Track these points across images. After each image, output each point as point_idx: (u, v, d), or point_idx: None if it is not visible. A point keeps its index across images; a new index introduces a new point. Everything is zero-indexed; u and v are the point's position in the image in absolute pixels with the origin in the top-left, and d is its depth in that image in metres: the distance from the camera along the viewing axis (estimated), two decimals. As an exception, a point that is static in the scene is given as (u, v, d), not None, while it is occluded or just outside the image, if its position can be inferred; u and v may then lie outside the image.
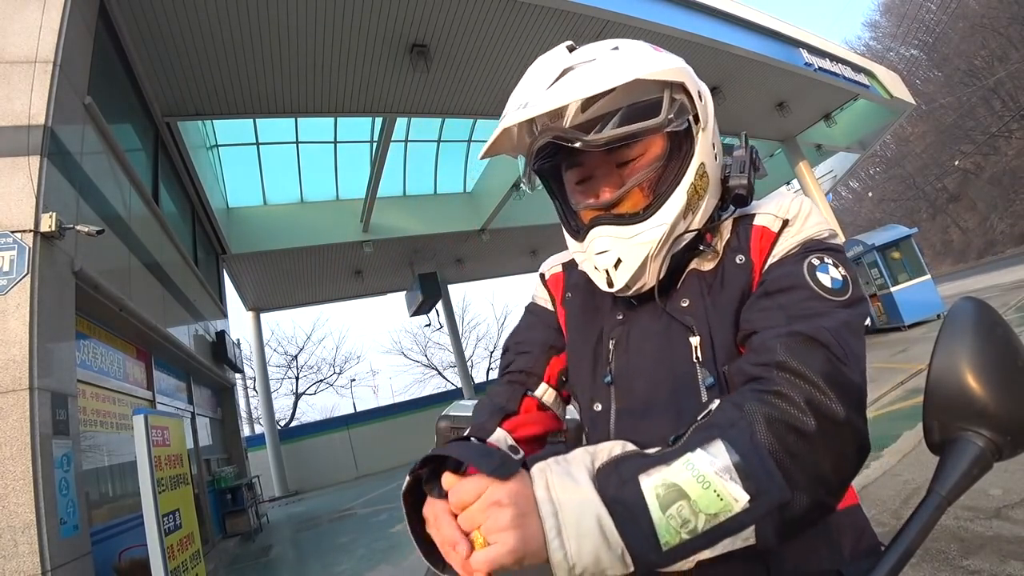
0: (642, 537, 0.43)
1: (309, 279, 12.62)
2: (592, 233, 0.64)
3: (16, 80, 3.17)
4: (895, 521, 2.85)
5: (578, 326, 0.76)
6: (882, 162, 37.08)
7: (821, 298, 0.56)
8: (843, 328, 0.53)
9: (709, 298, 0.65)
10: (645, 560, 0.43)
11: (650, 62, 0.60)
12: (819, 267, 0.58)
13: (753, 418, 0.47)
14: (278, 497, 12.56)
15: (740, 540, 0.44)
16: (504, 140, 0.64)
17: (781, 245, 0.63)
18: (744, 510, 0.43)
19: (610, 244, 0.62)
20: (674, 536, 0.43)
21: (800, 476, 0.45)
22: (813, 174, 13.51)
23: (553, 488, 0.45)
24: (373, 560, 5.04)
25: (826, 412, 0.47)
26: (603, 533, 0.43)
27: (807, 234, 0.62)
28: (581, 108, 0.58)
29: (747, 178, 0.66)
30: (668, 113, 0.59)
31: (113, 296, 3.92)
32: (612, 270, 0.63)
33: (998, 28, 26.28)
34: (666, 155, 0.63)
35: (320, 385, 25.25)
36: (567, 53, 0.63)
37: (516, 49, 6.91)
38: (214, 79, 5.97)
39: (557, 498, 0.44)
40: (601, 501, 0.44)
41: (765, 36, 8.96)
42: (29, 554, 2.43)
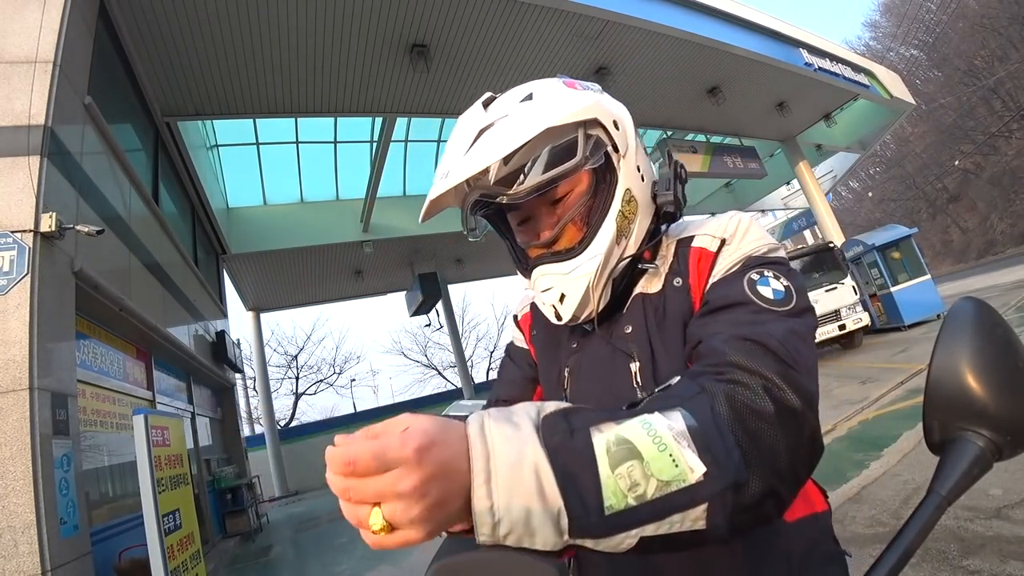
0: (584, 494, 0.38)
1: (309, 279, 12.61)
2: (535, 273, 0.67)
3: (16, 80, 3.17)
4: (895, 521, 2.86)
5: (544, 359, 0.80)
6: (882, 162, 37.08)
7: (764, 310, 0.55)
8: (790, 335, 0.52)
9: (654, 321, 0.66)
10: (583, 523, 0.38)
11: (560, 107, 0.60)
12: (759, 281, 0.58)
13: (713, 394, 0.45)
14: (278, 497, 12.55)
15: (689, 520, 0.40)
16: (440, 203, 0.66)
17: (720, 264, 0.63)
18: (699, 482, 0.39)
19: (552, 281, 0.65)
20: (620, 500, 0.38)
21: (757, 458, 0.42)
22: (813, 174, 13.52)
23: (489, 431, 0.39)
24: (373, 560, 5.04)
25: (782, 400, 0.46)
26: (539, 484, 0.37)
27: (745, 251, 0.62)
28: (503, 162, 0.60)
29: (673, 193, 0.68)
30: (584, 151, 0.61)
31: (113, 296, 3.92)
32: (558, 304, 0.66)
33: (998, 28, 26.28)
34: (593, 188, 0.66)
35: (320, 385, 25.20)
36: (483, 111, 0.64)
37: (516, 49, 6.91)
38: (214, 79, 5.97)
39: (491, 441, 0.38)
40: (543, 449, 0.38)
41: (765, 36, 8.96)
42: (29, 554, 2.43)
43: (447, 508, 0.37)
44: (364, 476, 0.35)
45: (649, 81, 8.64)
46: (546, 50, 7.08)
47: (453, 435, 0.38)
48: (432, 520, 0.36)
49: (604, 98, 0.67)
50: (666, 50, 7.89)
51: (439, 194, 0.61)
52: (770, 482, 0.43)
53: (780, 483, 0.44)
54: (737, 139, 11.86)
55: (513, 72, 7.36)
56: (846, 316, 9.17)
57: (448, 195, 0.64)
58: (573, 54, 7.34)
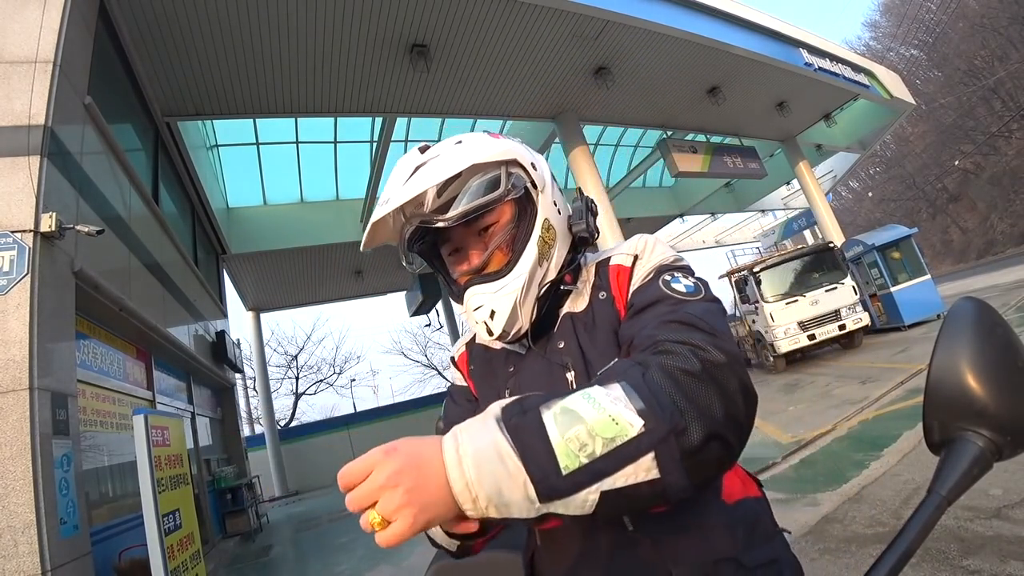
0: (541, 460, 0.44)
1: (309, 279, 12.62)
2: (467, 294, 0.75)
3: (16, 80, 3.17)
4: (895, 521, 2.85)
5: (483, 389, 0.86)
6: (882, 162, 37.07)
7: (682, 301, 0.64)
8: (707, 312, 0.61)
9: (585, 335, 0.74)
10: (547, 485, 0.44)
11: (485, 149, 0.71)
12: (672, 280, 0.68)
13: (646, 364, 0.52)
14: (278, 497, 12.56)
15: (643, 471, 0.45)
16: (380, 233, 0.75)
17: (637, 275, 0.74)
18: (640, 434, 0.45)
19: (482, 300, 0.73)
20: (573, 460, 0.44)
21: (690, 407, 0.47)
22: (813, 174, 13.52)
23: (457, 429, 0.47)
24: (373, 560, 5.04)
25: (708, 357, 0.52)
26: (502, 460, 0.44)
27: (655, 262, 0.73)
28: (436, 195, 0.69)
29: (586, 223, 0.78)
30: (506, 185, 0.71)
31: (113, 296, 3.92)
32: (489, 321, 0.73)
33: (998, 28, 26.27)
34: (516, 219, 0.75)
35: (320, 385, 25.25)
36: (419, 154, 0.74)
37: (516, 49, 6.91)
38: (214, 79, 5.98)
39: (459, 434, 0.46)
40: (500, 430, 0.46)
41: (765, 36, 8.96)
42: (29, 554, 2.43)
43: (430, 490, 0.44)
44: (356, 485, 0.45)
45: (649, 81, 8.64)
46: (546, 50, 7.08)
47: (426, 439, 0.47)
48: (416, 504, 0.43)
49: (522, 146, 0.78)
50: (666, 50, 7.89)
51: (380, 217, 0.69)
52: (709, 426, 0.47)
53: (720, 427, 0.48)
54: (737, 139, 11.86)
55: (513, 72, 7.37)
56: (846, 316, 9.16)
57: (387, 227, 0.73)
58: (573, 54, 7.34)
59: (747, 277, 10.10)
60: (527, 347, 0.78)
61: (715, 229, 21.73)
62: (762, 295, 9.67)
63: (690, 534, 0.63)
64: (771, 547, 0.66)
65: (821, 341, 9.24)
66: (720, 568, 0.61)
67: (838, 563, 2.58)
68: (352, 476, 0.45)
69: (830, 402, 6.08)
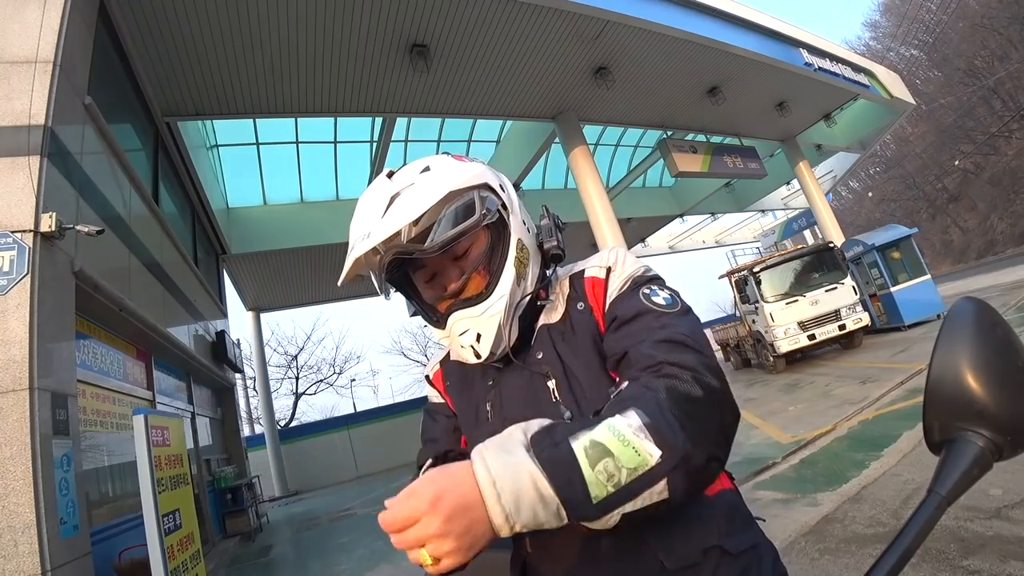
0: (576, 492, 0.50)
1: (309, 279, 12.61)
2: (451, 319, 0.75)
3: (16, 80, 3.17)
4: (895, 521, 2.86)
5: (461, 404, 0.87)
6: (882, 162, 37.07)
7: (664, 314, 0.69)
8: (692, 331, 0.67)
9: (563, 345, 0.77)
10: (579, 514, 0.50)
11: (456, 175, 0.73)
12: (651, 293, 0.73)
13: (656, 389, 0.57)
14: (278, 497, 12.56)
15: (656, 494, 0.51)
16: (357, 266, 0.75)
17: (612, 286, 0.77)
18: (657, 464, 0.51)
19: (468, 324, 0.74)
20: (602, 490, 0.50)
21: (696, 432, 0.54)
22: (813, 174, 13.52)
23: (490, 464, 0.50)
24: (373, 560, 5.04)
25: (706, 384, 0.58)
26: (538, 491, 0.49)
27: (628, 272, 0.77)
28: (412, 224, 0.69)
29: (555, 239, 0.81)
30: (481, 209, 0.72)
31: (113, 296, 3.92)
32: (476, 344, 0.74)
33: (998, 28, 26.27)
34: (490, 242, 0.77)
35: (320, 385, 25.26)
36: (389, 181, 0.75)
37: (516, 49, 6.91)
38: (214, 79, 5.98)
39: (494, 470, 0.50)
40: (535, 463, 0.50)
41: (765, 36, 8.96)
42: (29, 554, 2.43)
43: (475, 532, 0.49)
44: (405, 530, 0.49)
45: (649, 81, 8.64)
46: (546, 50, 7.08)
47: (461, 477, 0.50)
48: (465, 546, 0.49)
49: (488, 168, 0.80)
50: (666, 50, 7.89)
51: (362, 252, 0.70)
52: (709, 449, 0.55)
53: (716, 447, 0.57)
54: (737, 139, 11.86)
55: (513, 72, 7.36)
56: (846, 316, 9.16)
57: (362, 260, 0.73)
58: (573, 54, 7.34)
59: (747, 277, 10.10)
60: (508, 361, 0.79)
61: (715, 229, 21.73)
62: (762, 295, 9.67)
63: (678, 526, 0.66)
64: (751, 534, 0.70)
65: (821, 341, 9.23)
66: (708, 556, 0.65)
67: (838, 563, 2.58)
68: (398, 524, 0.49)
69: (830, 402, 6.08)
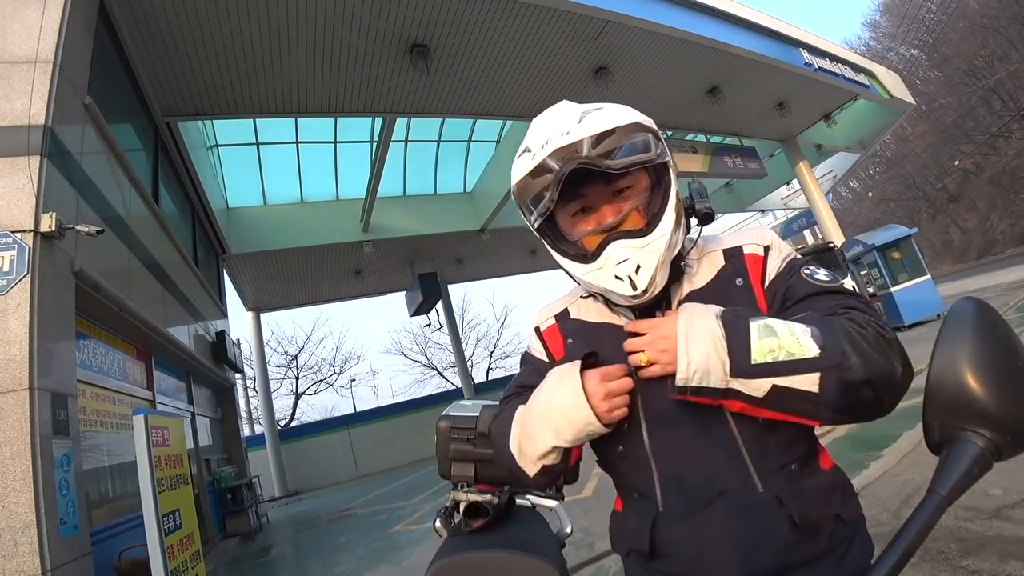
0: (741, 349, 0.65)
1: (309, 279, 12.61)
2: (610, 248, 0.75)
3: (16, 80, 3.17)
4: (895, 521, 2.85)
5: None
6: (882, 162, 37.05)
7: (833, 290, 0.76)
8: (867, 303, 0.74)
9: None
10: (738, 366, 0.65)
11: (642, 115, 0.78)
12: (813, 273, 0.78)
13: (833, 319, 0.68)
14: (278, 497, 12.55)
15: (807, 382, 0.62)
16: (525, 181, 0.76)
17: (771, 265, 0.82)
18: (813, 357, 0.62)
19: (628, 253, 0.74)
20: (762, 357, 0.64)
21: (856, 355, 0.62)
22: (813, 174, 13.51)
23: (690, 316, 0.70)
24: (373, 560, 5.04)
25: (880, 330, 0.66)
26: (715, 344, 0.66)
27: (784, 254, 0.83)
28: (593, 144, 0.72)
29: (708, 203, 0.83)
30: (656, 149, 0.75)
31: (113, 296, 3.92)
32: (634, 275, 0.74)
33: (998, 28, 26.26)
34: (651, 185, 0.79)
35: (320, 385, 25.23)
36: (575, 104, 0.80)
37: (516, 49, 6.91)
38: (214, 79, 5.98)
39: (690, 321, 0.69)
40: (719, 323, 0.67)
41: (765, 36, 8.96)
42: (29, 554, 2.43)
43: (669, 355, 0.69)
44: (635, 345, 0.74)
45: (649, 81, 8.63)
46: (546, 50, 7.08)
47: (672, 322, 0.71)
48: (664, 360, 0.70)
49: None
50: (666, 50, 7.89)
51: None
52: (867, 373, 0.62)
53: (876, 378, 0.62)
54: (737, 139, 11.86)
55: (513, 72, 7.36)
56: (846, 316, 9.14)
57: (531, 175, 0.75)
58: (573, 54, 7.34)
59: (747, 277, 10.08)
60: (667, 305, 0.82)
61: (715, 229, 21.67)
62: (762, 295, 9.65)
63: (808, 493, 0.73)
64: (855, 505, 0.78)
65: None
66: (827, 522, 0.73)
67: (838, 563, 2.57)
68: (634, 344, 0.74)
69: (830, 402, 6.07)
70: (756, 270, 0.81)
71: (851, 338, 0.63)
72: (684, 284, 0.82)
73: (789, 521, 0.70)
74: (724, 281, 0.81)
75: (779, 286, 0.79)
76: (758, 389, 0.64)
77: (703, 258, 0.85)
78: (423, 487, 9.22)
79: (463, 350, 17.33)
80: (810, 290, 0.76)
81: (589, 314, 0.89)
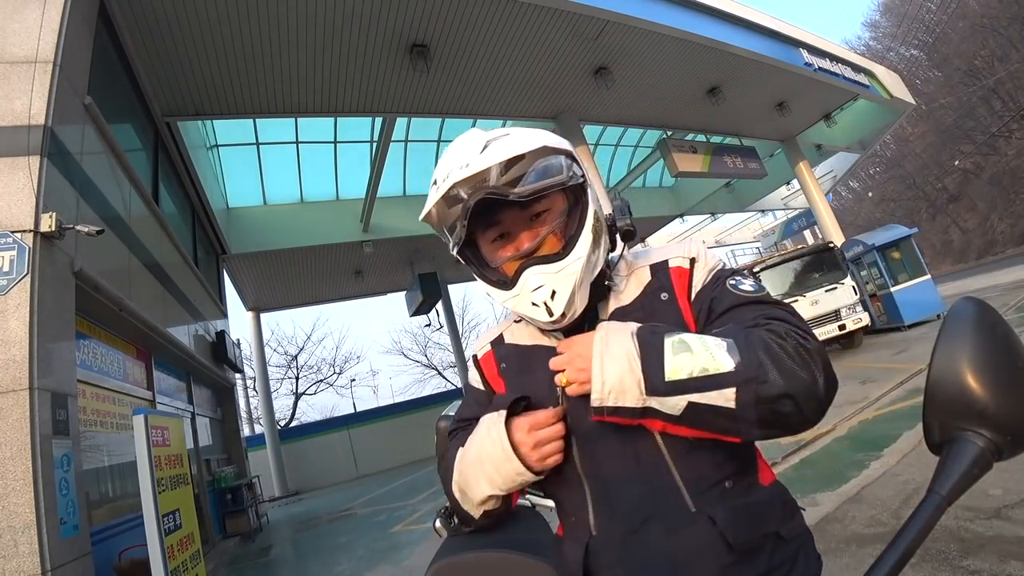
0: (655, 367, 0.63)
1: (309, 279, 12.61)
2: (525, 274, 0.75)
3: (16, 80, 3.17)
4: (895, 521, 2.85)
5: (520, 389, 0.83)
6: (882, 162, 37.05)
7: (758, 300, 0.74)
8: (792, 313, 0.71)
9: None
10: (653, 383, 0.63)
11: (552, 137, 0.76)
12: (738, 284, 0.77)
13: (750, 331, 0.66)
14: (278, 497, 12.56)
15: (723, 398, 0.61)
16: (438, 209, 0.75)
17: (697, 277, 0.81)
18: (727, 372, 0.61)
19: (543, 279, 0.74)
20: (676, 374, 0.62)
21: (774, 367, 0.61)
22: (813, 174, 13.52)
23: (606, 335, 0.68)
24: (373, 560, 5.04)
25: (801, 341, 0.64)
26: (629, 360, 0.64)
27: (711, 266, 0.82)
28: (502, 172, 0.71)
29: (629, 220, 0.83)
30: (568, 172, 0.74)
31: (113, 296, 3.92)
32: (549, 301, 0.74)
33: (998, 28, 26.26)
34: (568, 207, 0.78)
35: (320, 385, 25.24)
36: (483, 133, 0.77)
37: (516, 49, 6.91)
38: (214, 79, 5.97)
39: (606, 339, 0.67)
40: (634, 341, 0.66)
41: (765, 36, 8.96)
42: (29, 554, 2.43)
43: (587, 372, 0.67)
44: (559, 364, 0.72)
45: (649, 81, 8.63)
46: (546, 50, 7.08)
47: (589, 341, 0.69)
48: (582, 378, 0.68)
49: None
50: (666, 50, 7.89)
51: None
52: (786, 387, 0.60)
53: (795, 391, 0.60)
54: (737, 139, 11.85)
55: (513, 72, 7.36)
56: (846, 316, 9.16)
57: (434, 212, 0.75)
58: (573, 54, 7.34)
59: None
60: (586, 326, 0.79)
61: (715, 229, 21.73)
62: (762, 295, 9.66)
63: (743, 512, 0.71)
64: (797, 521, 0.76)
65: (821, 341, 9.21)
66: (766, 541, 0.70)
67: (838, 563, 2.58)
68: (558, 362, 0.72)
69: (830, 402, 6.07)
70: (682, 283, 0.80)
71: (769, 350, 0.62)
72: (611, 302, 0.82)
73: (723, 542, 0.68)
74: (650, 297, 0.80)
75: (705, 298, 0.78)
76: (675, 407, 0.62)
77: (632, 274, 0.84)
78: (423, 487, 9.22)
79: (463, 350, 17.33)
80: (734, 301, 0.74)
81: (522, 337, 0.88)
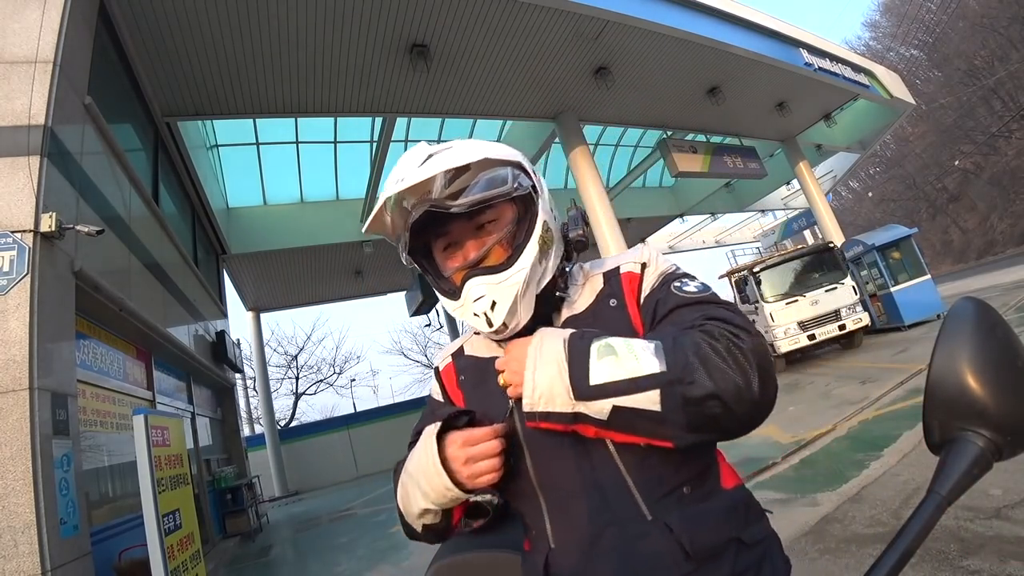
0: (580, 372, 0.64)
1: (309, 279, 12.61)
2: (467, 285, 0.75)
3: (16, 80, 3.17)
4: (895, 521, 2.85)
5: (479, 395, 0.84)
6: (882, 162, 37.05)
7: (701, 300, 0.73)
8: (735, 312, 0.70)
9: None
10: (579, 387, 0.63)
11: (495, 148, 0.77)
12: (682, 286, 0.77)
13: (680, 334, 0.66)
14: (278, 497, 12.56)
15: (648, 401, 0.61)
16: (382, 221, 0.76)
17: (647, 281, 0.80)
18: (652, 374, 0.61)
19: (484, 290, 0.74)
20: (600, 378, 0.63)
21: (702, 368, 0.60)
22: (813, 174, 13.52)
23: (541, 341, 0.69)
24: (373, 560, 5.04)
25: (734, 341, 0.63)
26: (559, 365, 0.65)
27: (661, 269, 0.81)
28: (445, 184, 0.71)
29: (582, 230, 0.83)
30: (513, 183, 0.74)
31: (113, 296, 3.92)
32: (489, 312, 0.74)
33: (998, 28, 26.26)
34: (516, 217, 0.77)
35: (320, 385, 25.25)
36: (428, 146, 0.77)
37: (516, 49, 6.91)
38: (214, 79, 5.97)
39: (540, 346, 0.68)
40: (565, 347, 0.66)
41: (765, 36, 8.95)
42: (29, 554, 2.43)
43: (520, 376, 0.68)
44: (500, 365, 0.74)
45: (649, 81, 8.63)
46: (546, 50, 7.08)
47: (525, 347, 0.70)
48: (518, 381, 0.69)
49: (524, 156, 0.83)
50: (666, 50, 7.89)
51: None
52: (713, 388, 0.60)
53: (724, 392, 0.60)
54: (737, 139, 11.85)
55: (513, 72, 7.36)
56: (846, 316, 9.16)
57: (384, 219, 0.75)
58: (573, 54, 7.33)
59: (747, 277, 10.10)
60: None
61: (715, 229, 21.71)
62: (762, 295, 9.67)
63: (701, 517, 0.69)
64: (763, 525, 0.73)
65: (821, 341, 9.23)
66: (727, 547, 0.68)
67: (838, 563, 2.58)
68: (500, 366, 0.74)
69: (830, 402, 6.08)
70: (632, 289, 0.80)
71: (698, 351, 0.61)
72: (564, 311, 0.81)
73: (680, 550, 0.66)
74: (601, 304, 0.80)
75: (651, 302, 0.77)
76: (601, 411, 0.62)
77: (587, 283, 0.84)
78: (423, 487, 9.20)
79: (463, 350, 17.28)
80: (676, 302, 0.74)
81: (480, 349, 0.87)
